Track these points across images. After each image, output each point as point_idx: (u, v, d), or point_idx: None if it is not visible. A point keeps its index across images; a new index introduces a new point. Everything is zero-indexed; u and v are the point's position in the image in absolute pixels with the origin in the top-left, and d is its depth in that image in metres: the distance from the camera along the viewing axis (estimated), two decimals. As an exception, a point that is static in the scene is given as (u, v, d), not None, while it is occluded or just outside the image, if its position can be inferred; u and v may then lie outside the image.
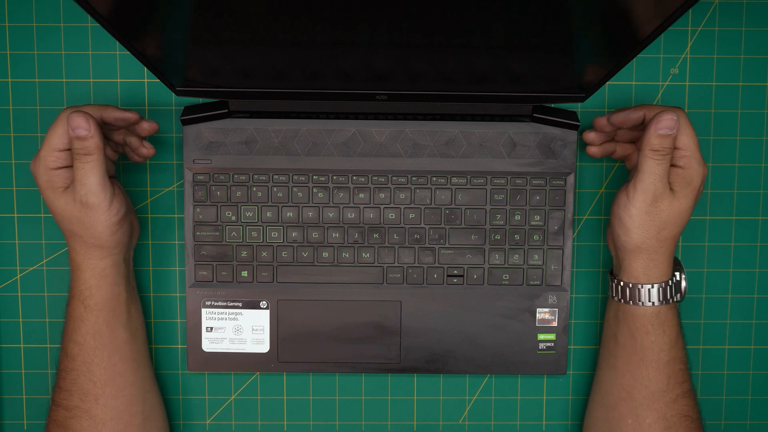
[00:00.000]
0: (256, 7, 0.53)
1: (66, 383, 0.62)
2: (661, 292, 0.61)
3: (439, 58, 0.59)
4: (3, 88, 0.68)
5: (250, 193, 0.67)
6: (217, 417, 0.71)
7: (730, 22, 0.68)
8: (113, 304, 0.62)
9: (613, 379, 0.64)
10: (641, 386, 0.62)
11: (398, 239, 0.68)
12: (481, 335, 0.68)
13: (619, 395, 0.63)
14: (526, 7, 0.53)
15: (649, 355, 0.62)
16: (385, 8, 0.52)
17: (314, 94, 0.64)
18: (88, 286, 0.61)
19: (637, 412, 0.62)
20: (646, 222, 0.60)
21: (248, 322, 0.68)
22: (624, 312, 0.63)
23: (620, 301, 0.63)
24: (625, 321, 0.63)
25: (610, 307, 0.65)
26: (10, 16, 0.67)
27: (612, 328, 0.64)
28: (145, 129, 0.63)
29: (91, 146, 0.58)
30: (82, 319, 0.61)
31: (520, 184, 0.67)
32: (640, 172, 0.60)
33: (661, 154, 0.59)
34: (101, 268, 0.61)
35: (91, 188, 0.59)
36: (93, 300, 0.61)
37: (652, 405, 0.62)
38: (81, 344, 0.62)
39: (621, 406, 0.63)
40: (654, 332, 0.62)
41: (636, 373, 0.62)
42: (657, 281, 0.62)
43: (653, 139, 0.59)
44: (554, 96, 0.64)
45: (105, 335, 0.62)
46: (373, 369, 0.69)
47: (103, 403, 0.62)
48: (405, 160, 0.67)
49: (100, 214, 0.60)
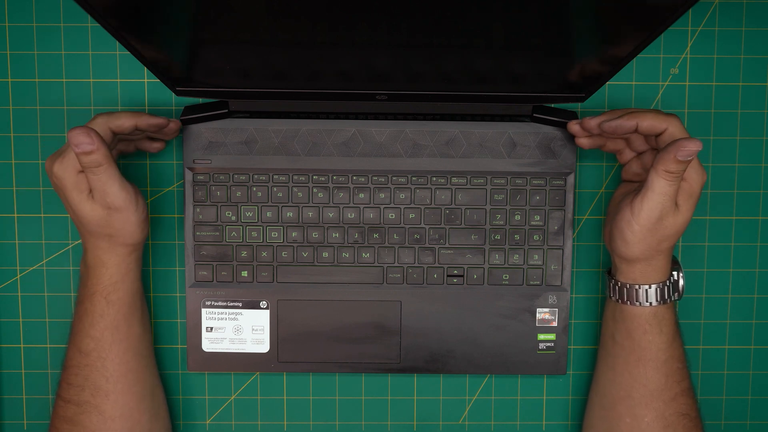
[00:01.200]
0: (257, 7, 0.53)
1: (78, 379, 0.62)
2: (659, 292, 0.61)
3: (439, 58, 0.59)
4: (3, 88, 0.68)
5: (250, 193, 0.67)
6: (217, 417, 0.71)
7: (730, 22, 0.68)
8: (133, 299, 0.63)
9: (611, 379, 0.64)
10: (639, 385, 0.62)
11: (398, 239, 0.68)
12: (481, 335, 0.68)
13: (618, 394, 0.63)
14: (526, 7, 0.53)
15: (647, 354, 0.62)
16: (385, 8, 0.52)
17: (314, 94, 0.64)
18: (113, 282, 0.62)
19: (636, 411, 0.62)
20: (648, 237, 0.59)
21: (248, 322, 0.68)
22: (622, 312, 0.63)
23: (618, 302, 0.63)
24: (623, 320, 0.63)
25: (607, 307, 0.65)
26: (10, 16, 0.67)
27: (610, 328, 0.64)
28: (172, 130, 0.64)
29: (99, 158, 0.57)
30: (103, 315, 0.62)
31: (520, 184, 0.67)
32: (650, 191, 0.58)
33: (675, 175, 0.57)
34: (127, 264, 0.62)
35: (116, 194, 0.59)
36: (117, 295, 0.62)
37: (651, 404, 0.62)
38: (98, 339, 0.62)
39: (619, 405, 0.63)
40: (651, 331, 0.62)
41: (634, 372, 0.62)
42: (655, 282, 0.61)
43: (671, 164, 0.56)
44: (554, 96, 0.64)
45: (123, 330, 0.62)
46: (373, 369, 0.69)
47: (113, 399, 0.62)
48: (405, 160, 0.67)
49: (130, 214, 0.60)
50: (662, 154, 0.57)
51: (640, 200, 0.59)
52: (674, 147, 0.56)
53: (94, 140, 0.57)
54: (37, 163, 0.69)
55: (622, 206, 0.61)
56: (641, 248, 0.60)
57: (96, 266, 0.62)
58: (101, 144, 0.57)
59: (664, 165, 0.57)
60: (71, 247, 0.69)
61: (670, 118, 0.59)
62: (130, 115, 0.61)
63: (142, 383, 0.64)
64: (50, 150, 0.68)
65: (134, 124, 0.60)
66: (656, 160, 0.57)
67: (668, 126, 0.59)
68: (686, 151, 0.56)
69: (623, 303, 0.62)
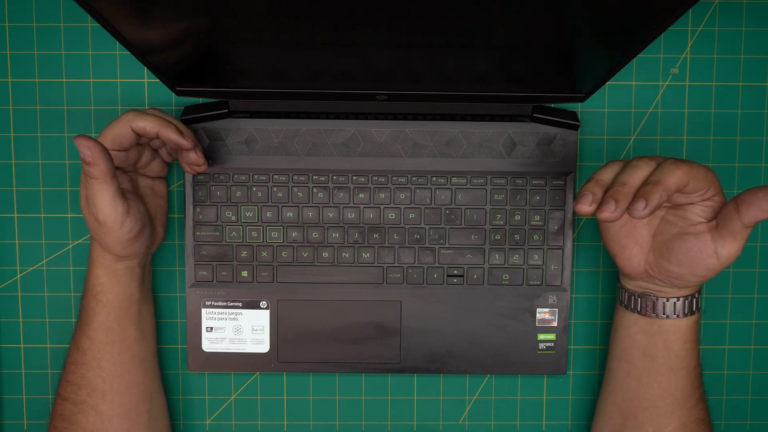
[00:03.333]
0: (256, 7, 0.53)
1: (75, 377, 0.62)
2: (698, 300, 0.61)
3: (439, 58, 0.59)
4: (3, 88, 0.68)
5: (250, 193, 0.67)
6: (217, 417, 0.71)
7: (730, 22, 0.68)
8: (125, 303, 0.62)
9: (636, 389, 0.63)
10: (668, 395, 0.61)
11: (398, 239, 0.68)
12: (481, 335, 0.68)
13: (641, 405, 0.62)
14: (526, 7, 0.53)
15: (682, 362, 0.61)
16: (385, 8, 0.52)
17: (314, 94, 0.64)
18: (100, 282, 0.62)
19: (660, 421, 0.62)
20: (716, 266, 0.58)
21: (248, 322, 0.68)
22: (660, 326, 0.61)
23: (664, 317, 0.61)
24: (661, 334, 0.61)
25: (631, 323, 0.63)
26: (10, 16, 0.67)
27: (639, 343, 0.62)
28: (191, 159, 0.61)
29: (95, 172, 0.57)
30: (95, 313, 0.62)
31: (520, 184, 0.67)
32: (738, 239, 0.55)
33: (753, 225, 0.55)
34: (114, 269, 0.62)
35: (101, 209, 0.58)
36: (105, 296, 0.62)
37: (675, 412, 0.61)
38: (92, 338, 0.62)
39: (641, 415, 0.62)
40: (692, 339, 0.61)
41: (664, 383, 0.61)
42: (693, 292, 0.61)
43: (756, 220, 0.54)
44: (554, 96, 0.64)
45: (116, 332, 0.62)
46: (373, 369, 0.69)
47: (110, 400, 0.62)
48: (405, 160, 0.67)
49: (112, 231, 0.59)
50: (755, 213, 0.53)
51: (728, 249, 0.56)
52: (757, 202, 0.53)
53: (93, 154, 0.56)
54: (37, 163, 0.69)
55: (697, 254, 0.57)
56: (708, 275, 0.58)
57: (90, 263, 0.62)
58: (101, 159, 0.56)
59: (755, 220, 0.54)
60: (71, 247, 0.69)
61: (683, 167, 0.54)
62: (156, 121, 0.59)
63: (141, 385, 0.64)
64: (50, 150, 0.68)
65: (157, 132, 0.59)
66: (746, 217, 0.54)
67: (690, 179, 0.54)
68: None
69: (661, 317, 0.61)
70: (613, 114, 0.69)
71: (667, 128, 0.69)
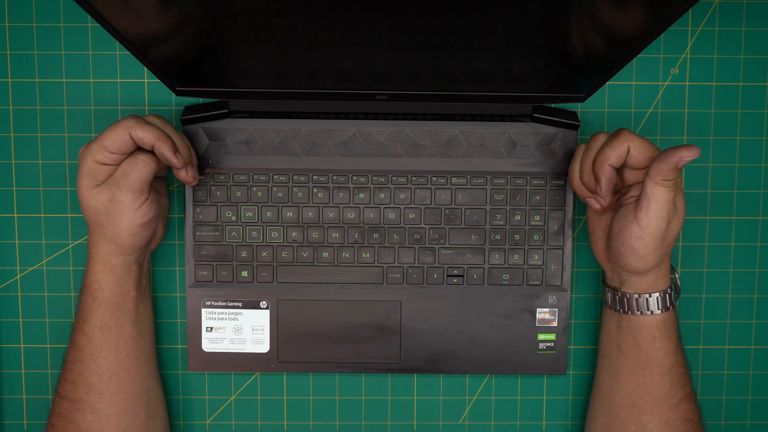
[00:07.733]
0: (257, 7, 0.53)
1: (72, 375, 0.62)
2: (667, 297, 0.61)
3: (439, 58, 0.59)
4: (3, 88, 0.68)
5: (250, 193, 0.67)
6: (217, 417, 0.71)
7: (730, 22, 0.68)
8: (121, 300, 0.62)
9: (615, 386, 0.64)
10: (645, 392, 0.62)
11: (398, 239, 0.68)
12: (481, 335, 0.68)
13: (622, 402, 0.63)
14: (526, 7, 0.53)
15: (654, 361, 0.62)
16: (385, 8, 0.52)
17: (314, 94, 0.64)
18: (97, 279, 0.62)
19: (640, 418, 0.62)
20: (660, 245, 0.59)
21: (248, 322, 0.68)
22: (629, 322, 0.62)
23: (628, 312, 0.62)
24: (630, 330, 0.62)
25: (609, 318, 0.64)
26: (10, 16, 0.67)
27: (614, 338, 0.64)
28: (181, 177, 0.62)
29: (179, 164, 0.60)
30: (91, 311, 0.62)
31: (520, 184, 0.67)
32: (653, 201, 0.58)
33: (673, 181, 0.57)
34: (111, 264, 0.62)
35: (135, 182, 0.59)
36: (101, 293, 0.62)
37: (655, 411, 0.62)
38: (89, 336, 0.62)
39: (623, 412, 0.63)
40: (661, 338, 0.61)
41: (640, 380, 0.62)
42: (662, 288, 0.61)
43: (670, 173, 0.56)
44: (554, 96, 0.64)
45: (112, 329, 0.62)
46: (373, 369, 0.69)
47: (107, 398, 0.62)
48: (405, 160, 0.67)
49: (127, 212, 0.60)
50: (659, 165, 0.56)
51: (645, 213, 0.58)
52: (673, 157, 0.56)
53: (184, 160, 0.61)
54: (37, 163, 0.69)
55: (624, 224, 0.60)
56: (655, 257, 0.60)
57: (88, 260, 0.62)
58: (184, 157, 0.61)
59: (663, 174, 0.57)
60: (71, 247, 0.69)
61: (622, 136, 0.58)
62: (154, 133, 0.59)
63: (138, 384, 0.64)
64: (51, 150, 0.68)
65: (153, 145, 0.59)
66: (652, 171, 0.57)
67: (628, 143, 0.58)
68: (686, 160, 0.55)
69: (632, 314, 0.62)
70: (613, 114, 0.69)
71: (667, 128, 0.69)
